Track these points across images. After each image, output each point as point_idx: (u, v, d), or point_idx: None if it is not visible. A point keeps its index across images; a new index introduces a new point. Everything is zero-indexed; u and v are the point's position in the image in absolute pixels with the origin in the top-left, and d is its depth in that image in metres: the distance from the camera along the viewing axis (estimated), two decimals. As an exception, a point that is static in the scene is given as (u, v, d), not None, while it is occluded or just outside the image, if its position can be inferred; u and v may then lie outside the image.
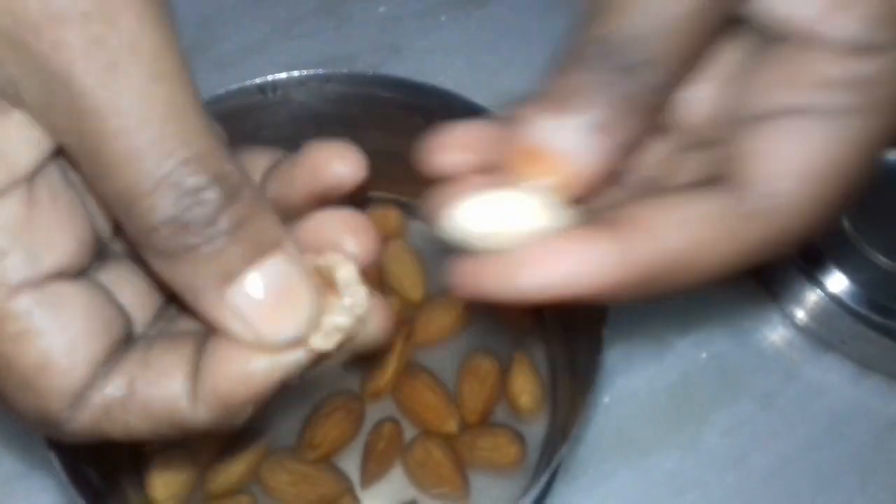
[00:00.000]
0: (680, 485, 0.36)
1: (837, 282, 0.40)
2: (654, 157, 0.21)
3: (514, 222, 0.18)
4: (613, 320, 0.30)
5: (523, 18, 0.49)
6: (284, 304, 0.17)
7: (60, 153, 0.17)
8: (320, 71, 0.34)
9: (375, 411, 0.35)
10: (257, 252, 0.16)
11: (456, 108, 0.33)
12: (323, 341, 0.17)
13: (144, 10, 0.15)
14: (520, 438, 0.34)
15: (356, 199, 0.21)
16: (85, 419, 0.17)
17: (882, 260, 0.41)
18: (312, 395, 0.35)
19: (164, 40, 0.16)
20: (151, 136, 0.15)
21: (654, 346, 0.39)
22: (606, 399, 0.37)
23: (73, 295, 0.17)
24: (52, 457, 0.26)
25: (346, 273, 0.18)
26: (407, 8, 0.49)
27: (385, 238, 0.39)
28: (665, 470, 0.36)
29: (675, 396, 0.38)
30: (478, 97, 0.33)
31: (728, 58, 0.20)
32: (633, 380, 0.38)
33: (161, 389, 0.17)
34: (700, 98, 0.21)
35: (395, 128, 0.36)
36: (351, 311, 0.18)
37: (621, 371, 0.38)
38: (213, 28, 0.48)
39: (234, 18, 0.48)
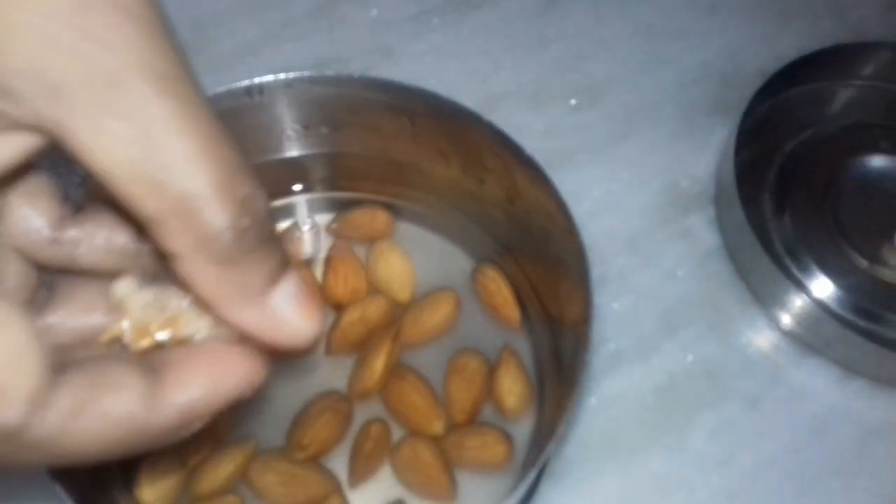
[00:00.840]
0: (665, 485, 0.36)
1: (822, 286, 0.41)
2: None
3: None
4: (599, 322, 0.30)
5: (514, 23, 0.50)
6: (307, 306, 0.19)
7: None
8: (306, 73, 0.34)
9: (363, 412, 0.36)
10: (286, 262, 0.18)
11: (442, 110, 0.34)
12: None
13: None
14: (507, 438, 0.35)
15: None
16: (54, 420, 0.17)
17: (866, 265, 0.41)
18: (301, 396, 0.35)
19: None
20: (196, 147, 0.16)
21: (640, 348, 0.39)
22: (593, 400, 0.38)
23: (18, 310, 0.17)
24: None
25: None
26: (399, 12, 0.49)
27: (373, 238, 0.40)
28: (651, 470, 0.36)
29: (662, 398, 0.38)
30: (468, 100, 0.34)
31: None
32: (619, 381, 0.38)
33: (116, 398, 0.17)
34: None
35: (382, 130, 0.36)
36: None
37: (608, 372, 0.38)
38: (206, 30, 0.48)
39: (227, 21, 0.48)
